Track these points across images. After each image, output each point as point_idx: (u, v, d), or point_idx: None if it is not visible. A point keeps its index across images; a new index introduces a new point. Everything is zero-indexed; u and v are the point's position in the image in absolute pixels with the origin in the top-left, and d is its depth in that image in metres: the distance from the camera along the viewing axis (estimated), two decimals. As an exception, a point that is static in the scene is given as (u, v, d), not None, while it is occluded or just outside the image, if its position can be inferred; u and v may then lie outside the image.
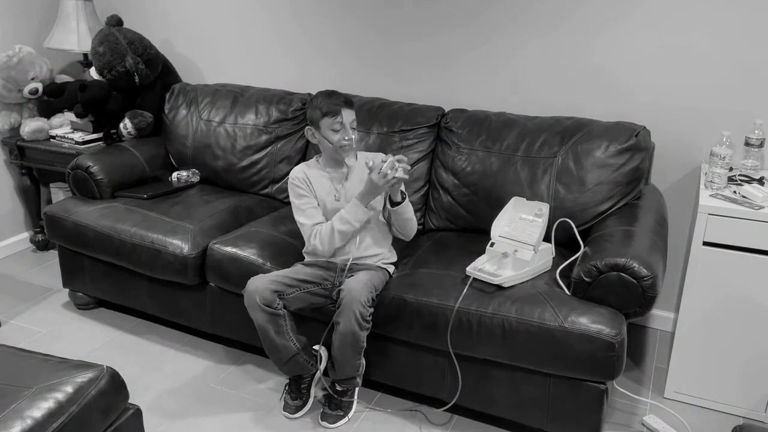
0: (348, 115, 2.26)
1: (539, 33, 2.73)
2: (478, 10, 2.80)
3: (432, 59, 2.96)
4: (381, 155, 2.21)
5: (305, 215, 2.30)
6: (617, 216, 2.36)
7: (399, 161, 2.14)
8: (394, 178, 2.13)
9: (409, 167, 2.17)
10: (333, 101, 2.25)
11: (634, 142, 2.44)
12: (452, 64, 2.92)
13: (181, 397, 2.42)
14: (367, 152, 2.49)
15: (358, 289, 2.11)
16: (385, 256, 2.36)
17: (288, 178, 2.36)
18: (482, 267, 2.20)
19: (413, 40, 2.96)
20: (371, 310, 2.16)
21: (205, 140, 3.10)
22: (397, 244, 2.46)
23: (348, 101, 2.27)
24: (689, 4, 2.47)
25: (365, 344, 2.18)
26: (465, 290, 2.14)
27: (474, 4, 2.80)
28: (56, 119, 3.37)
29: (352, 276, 2.19)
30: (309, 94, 3.07)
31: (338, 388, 2.29)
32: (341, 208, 2.27)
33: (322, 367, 2.39)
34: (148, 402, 2.39)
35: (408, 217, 2.32)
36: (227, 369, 2.59)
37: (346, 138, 2.25)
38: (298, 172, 2.35)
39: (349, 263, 2.25)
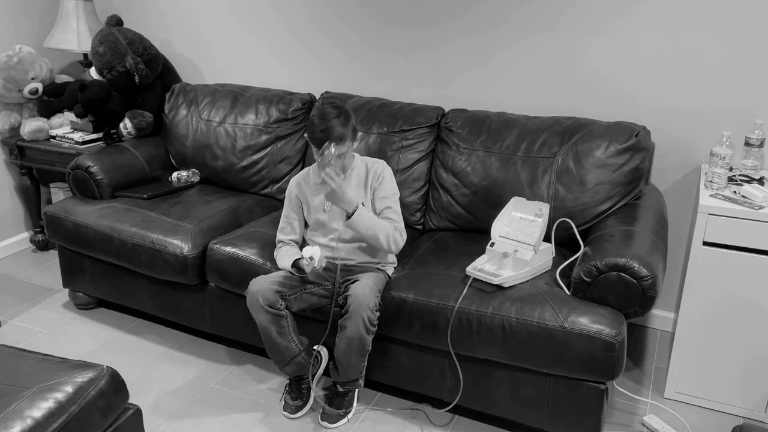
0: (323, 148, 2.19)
1: (539, 33, 2.73)
2: (478, 10, 2.80)
3: (432, 59, 2.95)
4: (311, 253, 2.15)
5: (280, 226, 2.41)
6: (617, 216, 2.36)
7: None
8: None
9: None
10: (311, 134, 2.19)
11: (634, 142, 2.44)
12: (453, 64, 2.92)
13: (181, 397, 2.41)
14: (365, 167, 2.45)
15: (366, 294, 2.11)
16: (382, 259, 2.36)
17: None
18: (482, 267, 2.20)
19: (414, 41, 2.96)
20: (378, 314, 2.16)
21: (205, 140, 3.10)
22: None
23: (327, 135, 2.15)
24: (689, 4, 2.47)
25: (370, 347, 2.19)
26: (465, 290, 2.14)
27: (475, 4, 2.80)
28: (56, 119, 3.37)
29: (356, 281, 2.19)
30: (309, 94, 3.07)
31: (340, 389, 2.29)
32: (328, 220, 2.30)
33: (322, 367, 2.39)
34: (148, 402, 2.39)
35: (363, 233, 2.18)
36: (227, 369, 2.59)
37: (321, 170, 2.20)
38: (294, 184, 2.39)
39: (340, 264, 2.24)
